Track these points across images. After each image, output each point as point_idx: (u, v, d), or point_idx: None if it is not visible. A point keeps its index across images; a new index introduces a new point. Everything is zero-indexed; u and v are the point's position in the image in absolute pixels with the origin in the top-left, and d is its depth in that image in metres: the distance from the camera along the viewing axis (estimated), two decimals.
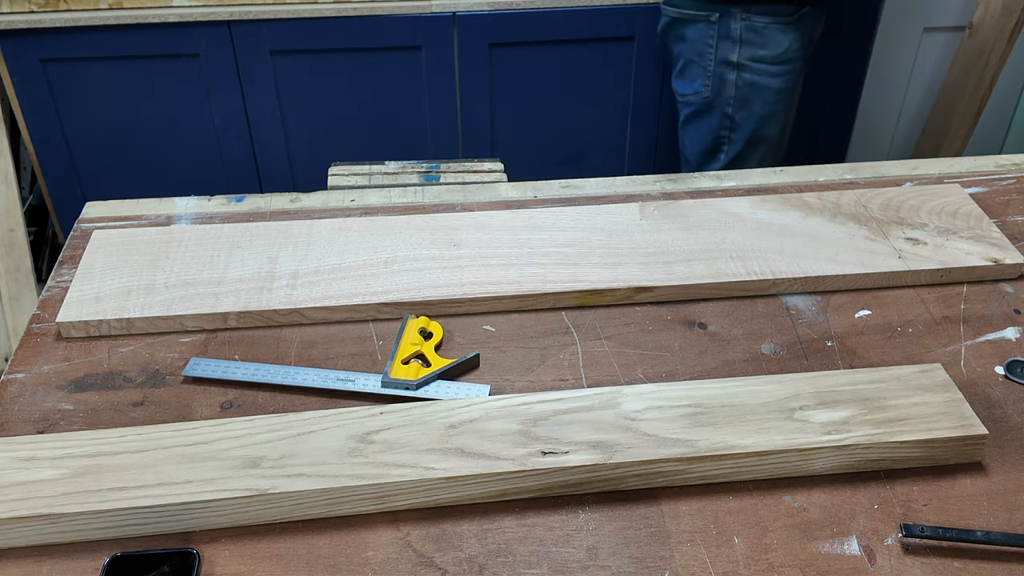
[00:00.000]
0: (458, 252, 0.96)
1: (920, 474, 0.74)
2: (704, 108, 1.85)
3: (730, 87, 1.79)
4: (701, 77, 1.82)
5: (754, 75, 1.76)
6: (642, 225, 1.00)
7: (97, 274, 0.93)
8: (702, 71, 1.81)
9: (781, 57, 1.74)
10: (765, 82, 1.77)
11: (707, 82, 1.81)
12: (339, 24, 1.99)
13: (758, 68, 1.75)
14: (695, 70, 1.82)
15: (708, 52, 1.78)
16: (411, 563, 0.67)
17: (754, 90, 1.78)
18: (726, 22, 1.73)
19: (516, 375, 0.84)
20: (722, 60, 1.77)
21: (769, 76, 1.76)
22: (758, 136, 1.83)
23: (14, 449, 0.71)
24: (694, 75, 1.83)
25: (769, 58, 1.74)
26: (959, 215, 1.02)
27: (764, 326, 0.90)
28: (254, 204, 1.08)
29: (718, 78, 1.79)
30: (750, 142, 1.84)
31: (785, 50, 1.74)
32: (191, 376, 0.83)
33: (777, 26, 1.71)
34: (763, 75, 1.76)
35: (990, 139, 2.51)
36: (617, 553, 0.68)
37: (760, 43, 1.73)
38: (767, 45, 1.73)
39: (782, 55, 1.74)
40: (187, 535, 0.69)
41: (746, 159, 1.86)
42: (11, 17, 1.90)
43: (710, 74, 1.79)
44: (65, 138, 2.08)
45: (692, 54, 1.81)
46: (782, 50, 1.73)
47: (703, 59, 1.79)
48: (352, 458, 0.70)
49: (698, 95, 1.84)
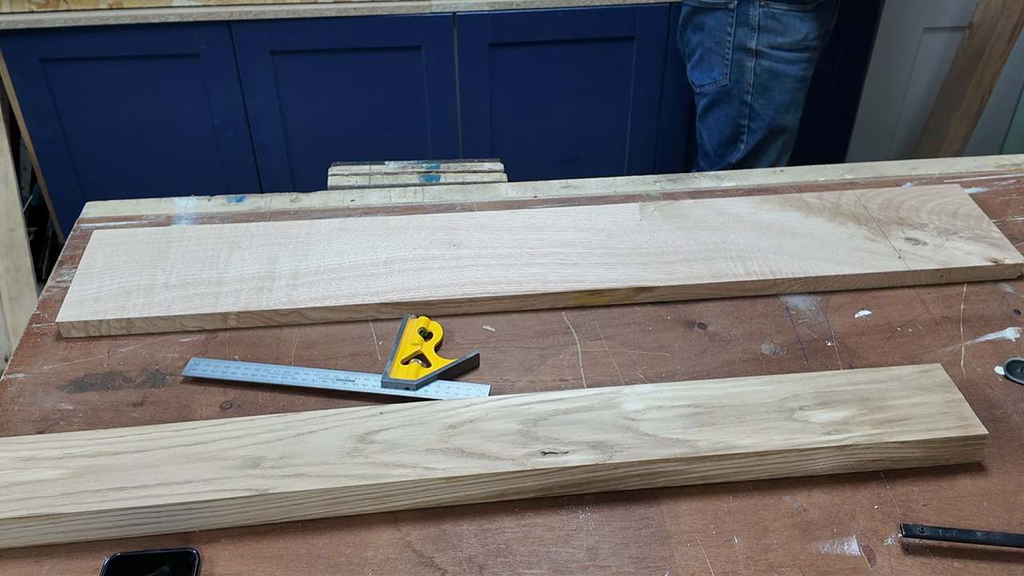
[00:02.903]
0: (458, 252, 0.96)
1: (920, 474, 0.74)
2: (722, 97, 1.86)
3: (749, 74, 1.80)
4: (719, 66, 1.83)
5: (772, 62, 1.78)
6: (642, 225, 1.00)
7: (97, 274, 0.93)
8: (720, 59, 1.82)
9: (799, 44, 1.76)
10: (783, 69, 1.78)
11: (725, 70, 1.82)
12: (339, 24, 1.99)
13: (776, 55, 1.77)
14: (713, 59, 1.84)
15: (727, 40, 1.80)
16: (411, 563, 0.67)
17: (772, 77, 1.79)
18: (745, 9, 1.75)
19: (516, 375, 0.84)
20: (740, 47, 1.79)
21: (787, 63, 1.78)
22: (777, 125, 1.85)
23: (14, 449, 0.71)
24: (712, 64, 1.84)
25: (787, 45, 1.76)
26: (959, 215, 1.02)
27: (764, 326, 0.90)
28: (254, 204, 1.08)
29: (737, 66, 1.81)
30: (770, 131, 1.85)
31: (803, 37, 1.76)
32: (191, 376, 0.83)
33: (795, 13, 1.73)
34: (781, 62, 1.78)
35: (990, 139, 2.51)
36: (617, 553, 0.68)
37: (779, 30, 1.75)
38: (785, 32, 1.75)
39: (800, 42, 1.76)
40: (187, 535, 0.69)
41: (765, 148, 1.88)
42: (11, 17, 1.90)
43: (728, 62, 1.81)
44: (65, 138, 2.08)
45: (711, 43, 1.83)
46: (800, 37, 1.75)
47: (721, 47, 1.81)
48: (352, 458, 0.70)
49: (716, 84, 1.85)
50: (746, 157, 1.90)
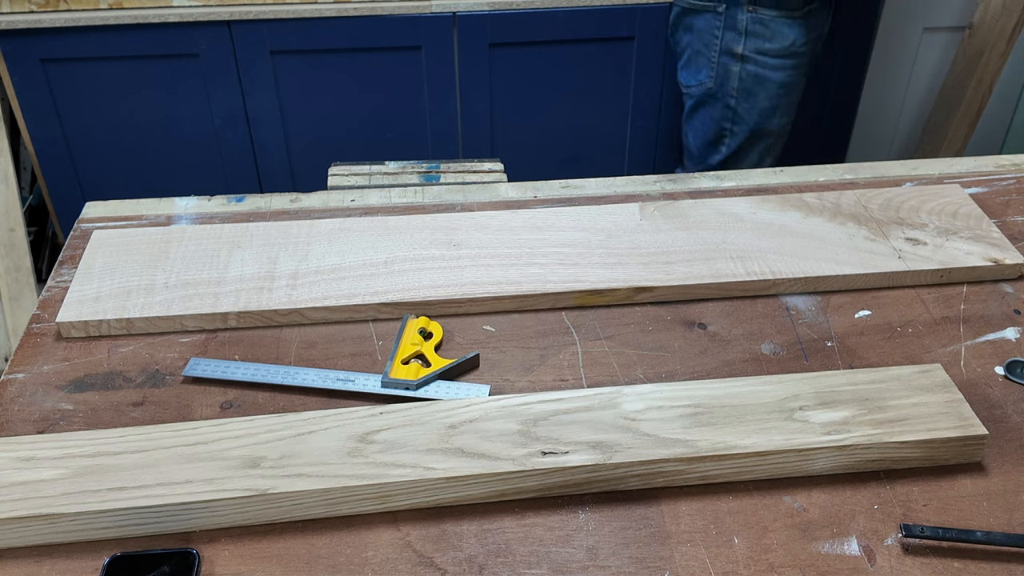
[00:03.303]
0: (458, 252, 0.96)
1: (920, 474, 0.74)
2: (707, 99, 1.85)
3: (734, 79, 1.79)
4: (706, 68, 1.82)
5: (758, 67, 1.77)
6: (642, 225, 1.00)
7: (97, 274, 0.93)
8: (707, 62, 1.81)
9: (786, 51, 1.75)
10: (768, 75, 1.77)
11: (711, 73, 1.81)
12: (339, 24, 1.99)
13: (762, 61, 1.76)
14: (700, 61, 1.83)
15: (714, 43, 1.79)
16: (411, 563, 0.67)
17: (757, 82, 1.78)
18: (733, 13, 1.74)
19: (516, 375, 0.84)
20: (727, 51, 1.78)
21: (772, 69, 1.77)
22: (760, 129, 1.84)
23: (14, 449, 0.71)
24: (699, 66, 1.83)
25: (773, 51, 1.75)
26: (959, 215, 1.02)
27: (764, 326, 0.90)
28: (254, 204, 1.08)
29: (722, 69, 1.80)
30: (752, 135, 1.84)
31: (790, 44, 1.74)
32: (191, 376, 0.83)
33: (783, 20, 1.72)
34: (767, 68, 1.77)
35: (990, 139, 2.51)
36: (617, 553, 0.68)
37: (766, 36, 1.74)
38: (773, 38, 1.74)
39: (787, 49, 1.74)
40: (187, 535, 0.69)
41: (747, 152, 1.87)
42: (11, 17, 1.90)
43: (715, 65, 1.80)
44: (65, 138, 2.08)
45: (699, 45, 1.82)
46: (787, 44, 1.74)
47: (709, 50, 1.80)
48: (352, 458, 0.70)
49: (702, 86, 1.85)
50: (727, 159, 1.89)
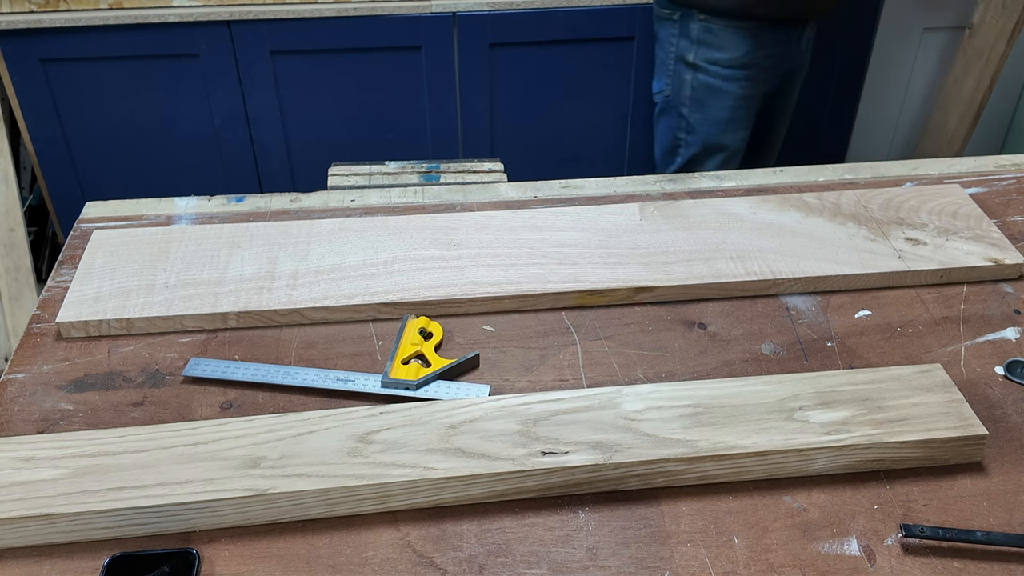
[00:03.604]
0: (458, 252, 0.96)
1: (920, 474, 0.74)
2: (666, 108, 1.84)
3: (687, 87, 1.77)
4: (665, 76, 1.81)
5: (709, 77, 1.74)
6: (642, 225, 1.00)
7: (97, 274, 0.93)
8: (665, 70, 1.80)
9: (736, 61, 1.71)
10: (719, 85, 1.74)
11: (669, 81, 1.80)
12: (339, 24, 1.99)
13: (713, 70, 1.73)
14: (662, 69, 1.81)
15: (671, 51, 1.77)
16: (411, 563, 0.67)
17: (709, 92, 1.75)
18: (687, 22, 1.72)
19: (516, 375, 0.84)
20: (681, 59, 1.75)
21: (724, 80, 1.73)
22: (713, 143, 1.80)
23: (14, 449, 0.71)
24: (661, 74, 1.82)
25: (724, 61, 1.71)
26: (959, 215, 1.02)
27: (764, 326, 0.90)
28: (254, 204, 1.08)
29: (677, 78, 1.78)
30: (705, 148, 1.81)
31: (741, 55, 1.70)
32: (191, 376, 0.83)
33: (732, 30, 1.68)
34: (718, 78, 1.73)
35: (990, 139, 2.51)
36: (617, 553, 0.68)
37: (717, 45, 1.70)
38: (723, 48, 1.70)
39: (737, 59, 1.71)
40: (187, 535, 0.69)
41: (701, 164, 1.83)
42: (11, 17, 1.90)
43: (671, 73, 1.79)
44: (65, 138, 2.08)
45: (661, 53, 1.81)
46: (738, 54, 1.70)
47: (667, 58, 1.79)
48: (352, 458, 0.70)
49: (661, 94, 1.83)
50: (681, 170, 1.85)
